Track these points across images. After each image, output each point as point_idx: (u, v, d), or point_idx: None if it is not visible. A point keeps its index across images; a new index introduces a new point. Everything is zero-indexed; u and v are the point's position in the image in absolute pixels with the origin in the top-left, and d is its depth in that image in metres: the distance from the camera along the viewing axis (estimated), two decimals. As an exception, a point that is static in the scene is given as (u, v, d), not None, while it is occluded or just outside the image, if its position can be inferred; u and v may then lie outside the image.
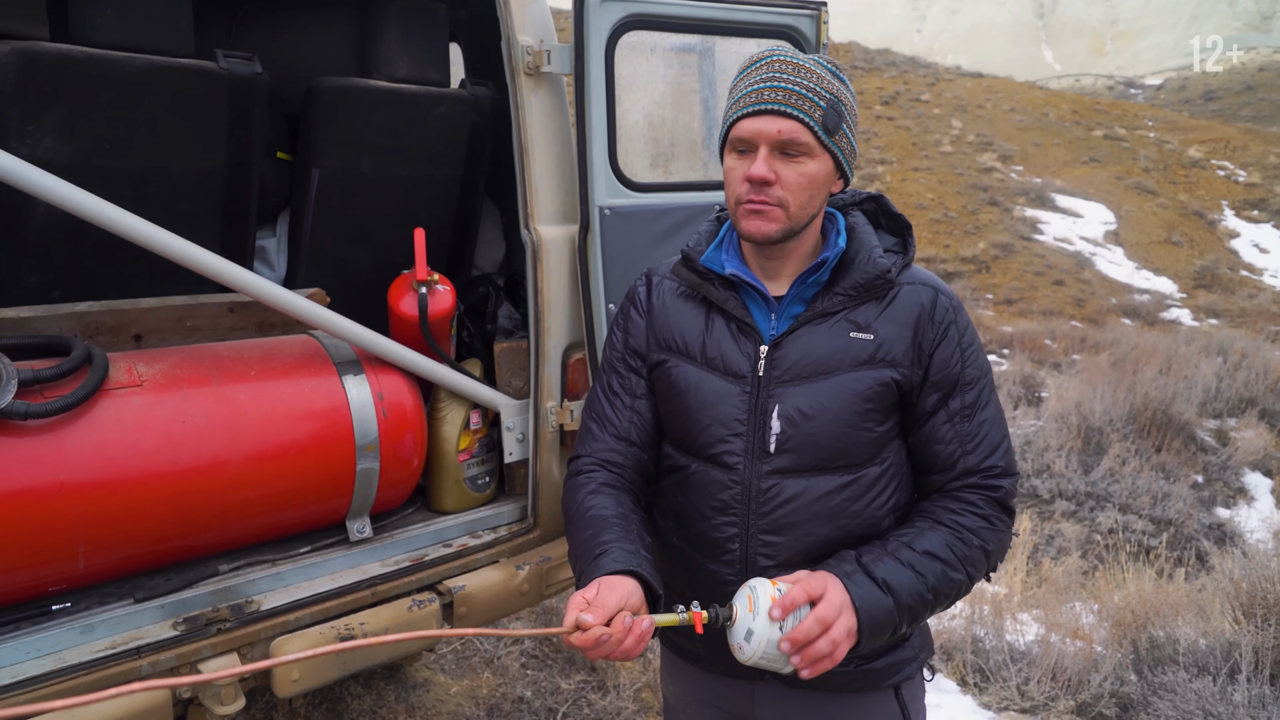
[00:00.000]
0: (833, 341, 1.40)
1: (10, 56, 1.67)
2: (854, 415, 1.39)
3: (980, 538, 1.39)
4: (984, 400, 1.44)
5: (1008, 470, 1.43)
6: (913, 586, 1.32)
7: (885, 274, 1.41)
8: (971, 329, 1.45)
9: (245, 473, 1.91)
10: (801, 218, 1.39)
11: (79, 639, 1.72)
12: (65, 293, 1.96)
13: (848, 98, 1.40)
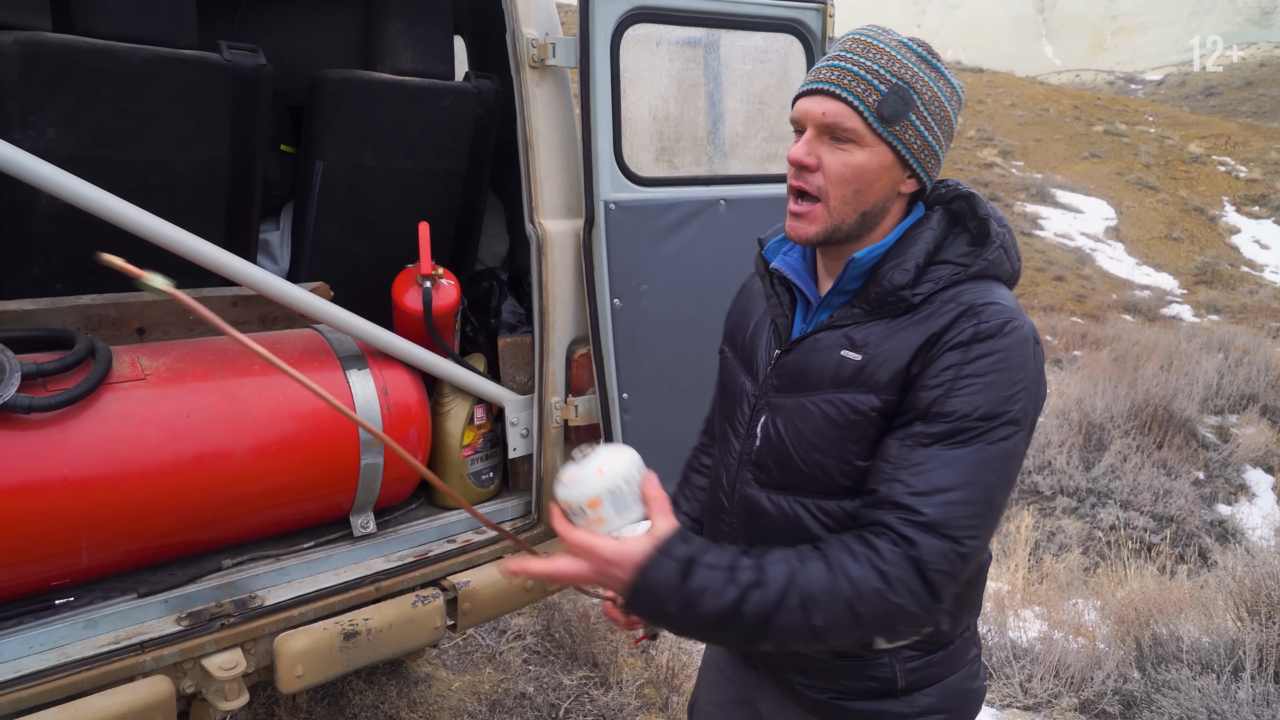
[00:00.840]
0: (825, 357, 1.29)
1: (13, 47, 1.66)
2: (824, 441, 1.26)
3: (849, 576, 1.12)
4: (960, 443, 1.16)
5: (938, 529, 1.13)
6: (718, 607, 1.13)
7: (899, 290, 1.24)
8: (998, 367, 1.18)
9: (249, 467, 1.90)
10: (847, 215, 1.25)
11: (82, 634, 1.71)
12: (68, 285, 1.94)
13: (929, 87, 1.23)
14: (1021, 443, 1.19)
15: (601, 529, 1.19)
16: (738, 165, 2.72)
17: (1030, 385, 1.20)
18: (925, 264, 1.26)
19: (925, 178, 1.28)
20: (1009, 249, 1.30)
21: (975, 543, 1.14)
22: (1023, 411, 1.18)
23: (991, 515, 1.17)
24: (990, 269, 1.27)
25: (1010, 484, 1.21)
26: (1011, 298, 1.27)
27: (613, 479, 1.19)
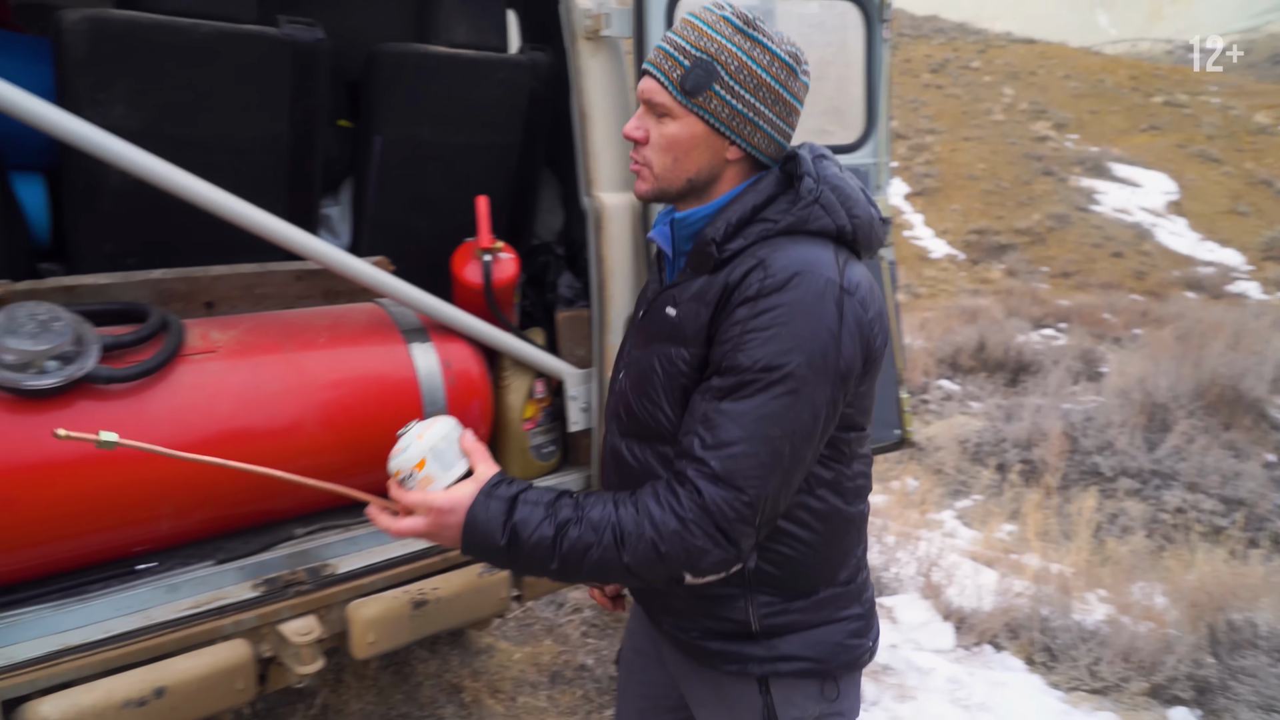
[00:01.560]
0: (658, 315, 1.40)
1: (81, 24, 1.69)
2: (653, 390, 1.37)
3: (651, 518, 1.24)
4: (744, 396, 1.23)
5: (723, 480, 1.22)
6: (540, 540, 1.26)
7: (707, 245, 1.32)
8: (780, 320, 1.22)
9: (317, 438, 1.93)
10: (670, 181, 1.36)
11: (165, 598, 1.76)
12: (140, 260, 1.99)
13: (735, 57, 1.28)
14: (813, 394, 1.23)
15: (432, 486, 1.31)
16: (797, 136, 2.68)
17: (819, 338, 1.23)
18: (741, 221, 1.32)
19: (744, 145, 1.33)
20: (829, 206, 1.31)
21: (759, 492, 1.23)
22: (810, 364, 1.22)
23: (778, 466, 1.24)
24: (801, 224, 1.30)
25: (806, 434, 1.25)
26: (821, 253, 1.29)
27: (432, 439, 1.33)
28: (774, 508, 1.27)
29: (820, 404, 1.25)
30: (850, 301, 1.26)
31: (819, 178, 1.32)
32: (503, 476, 1.33)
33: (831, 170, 1.35)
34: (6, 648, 1.59)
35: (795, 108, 1.34)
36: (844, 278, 1.27)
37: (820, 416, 1.26)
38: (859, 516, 1.45)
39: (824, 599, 1.41)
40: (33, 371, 1.58)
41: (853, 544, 1.46)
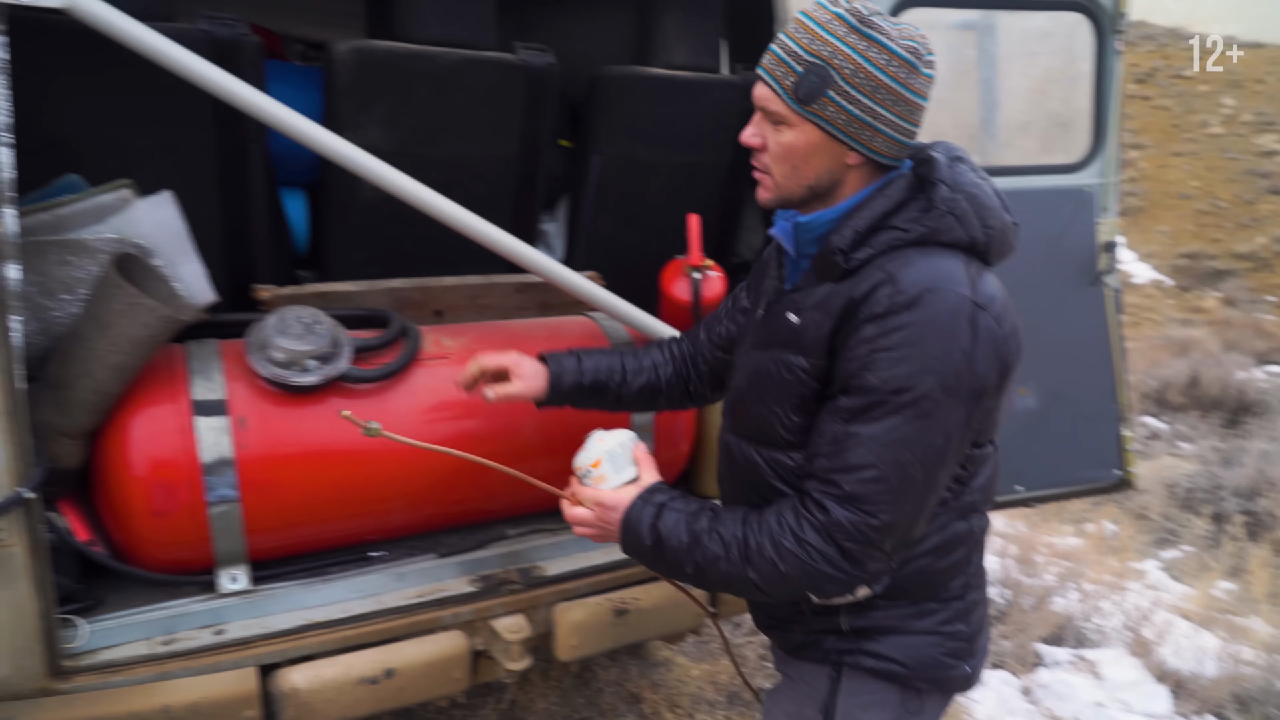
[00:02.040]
0: (779, 319, 1.38)
1: (350, 55, 1.86)
2: (768, 395, 1.37)
3: (773, 536, 1.27)
4: (875, 418, 1.20)
5: (851, 502, 1.22)
6: (678, 546, 1.34)
7: (832, 254, 1.28)
8: (911, 340, 1.19)
9: (534, 444, 2.02)
10: (791, 189, 1.33)
11: (394, 585, 1.89)
12: (381, 269, 2.15)
13: (851, 60, 1.22)
14: (945, 416, 1.20)
15: (604, 485, 1.47)
16: (1015, 155, 2.57)
17: (952, 358, 1.19)
18: (870, 229, 1.27)
19: (864, 150, 1.27)
20: (963, 216, 1.26)
21: (890, 517, 1.21)
22: (943, 385, 1.18)
23: (910, 490, 1.22)
24: (933, 236, 1.25)
25: (938, 457, 1.22)
26: (953, 265, 1.24)
27: (609, 444, 1.49)
28: (907, 532, 1.26)
29: (953, 426, 1.22)
30: (984, 317, 1.22)
31: (954, 184, 1.27)
32: (661, 486, 1.43)
33: (967, 176, 1.30)
34: (264, 618, 1.75)
35: (918, 105, 1.27)
36: (977, 292, 1.22)
37: (953, 438, 1.23)
38: (973, 532, 1.42)
39: (926, 609, 1.40)
40: (296, 369, 1.75)
41: (963, 560, 1.42)
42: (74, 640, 1.59)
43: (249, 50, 1.73)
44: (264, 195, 1.92)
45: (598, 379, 1.75)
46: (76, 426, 1.59)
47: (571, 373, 1.74)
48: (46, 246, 1.60)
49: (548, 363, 1.75)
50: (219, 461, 1.67)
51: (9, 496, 1.40)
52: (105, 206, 1.63)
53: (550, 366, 1.75)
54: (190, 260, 1.74)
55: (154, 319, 1.55)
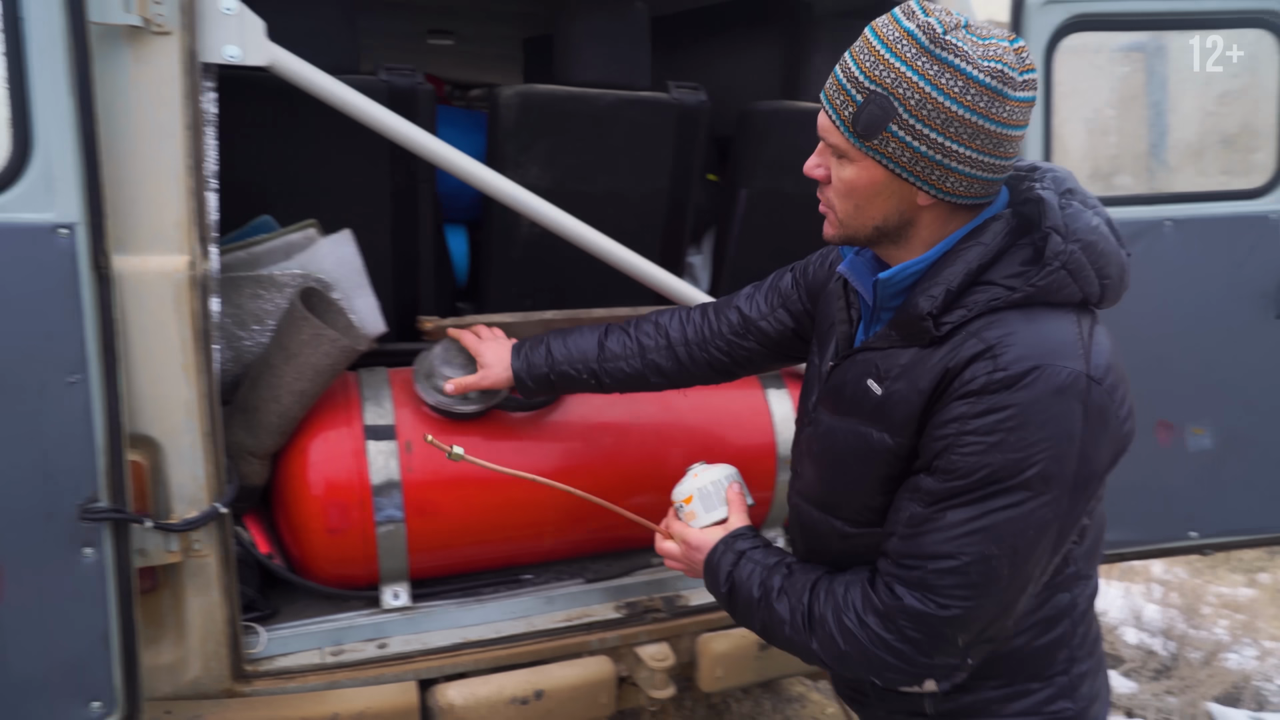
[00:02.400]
0: (856, 382, 1.21)
1: (514, 98, 1.95)
2: (846, 471, 1.24)
3: (836, 609, 1.18)
4: (958, 505, 1.07)
5: (923, 589, 1.09)
6: (749, 600, 1.29)
7: (921, 319, 1.11)
8: (1007, 425, 1.03)
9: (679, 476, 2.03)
10: (856, 228, 1.16)
11: (543, 608, 1.94)
12: (535, 301, 2.23)
13: (917, 89, 1.03)
14: (1042, 508, 1.05)
15: (694, 522, 1.48)
16: (1187, 181, 2.43)
17: (1057, 445, 1.04)
18: (963, 286, 1.11)
19: (935, 192, 1.10)
20: (1078, 270, 1.08)
21: (962, 608, 1.09)
22: (1043, 475, 1.04)
23: (994, 584, 1.08)
24: (1042, 295, 1.08)
25: (1028, 552, 1.08)
26: (1065, 332, 1.08)
27: (703, 482, 1.50)
28: (987, 630, 1.13)
29: (1052, 519, 1.07)
30: (1098, 393, 1.05)
31: (1067, 232, 1.08)
32: (745, 531, 1.40)
33: (1083, 219, 1.11)
34: (423, 634, 1.84)
35: (1006, 136, 1.07)
36: (1091, 363, 1.06)
37: (1052, 531, 1.08)
38: (1077, 604, 1.26)
39: (1024, 690, 1.25)
40: (459, 397, 1.83)
41: (1067, 633, 1.26)
42: (255, 646, 1.72)
43: (424, 98, 1.84)
44: (431, 232, 2.03)
45: (567, 371, 1.67)
46: (263, 448, 1.72)
47: (539, 366, 1.68)
48: (242, 281, 1.74)
49: (515, 354, 1.71)
50: (387, 483, 1.77)
51: (206, 511, 1.53)
52: (293, 244, 1.77)
53: (514, 362, 1.70)
54: (365, 293, 1.86)
55: (335, 349, 1.66)
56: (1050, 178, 1.15)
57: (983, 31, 1.05)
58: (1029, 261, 1.10)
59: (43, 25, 1.26)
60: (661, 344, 1.66)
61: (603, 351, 1.67)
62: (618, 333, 1.69)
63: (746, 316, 1.61)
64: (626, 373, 1.67)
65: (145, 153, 1.42)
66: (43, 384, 1.34)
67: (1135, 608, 4.52)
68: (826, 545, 1.32)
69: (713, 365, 1.66)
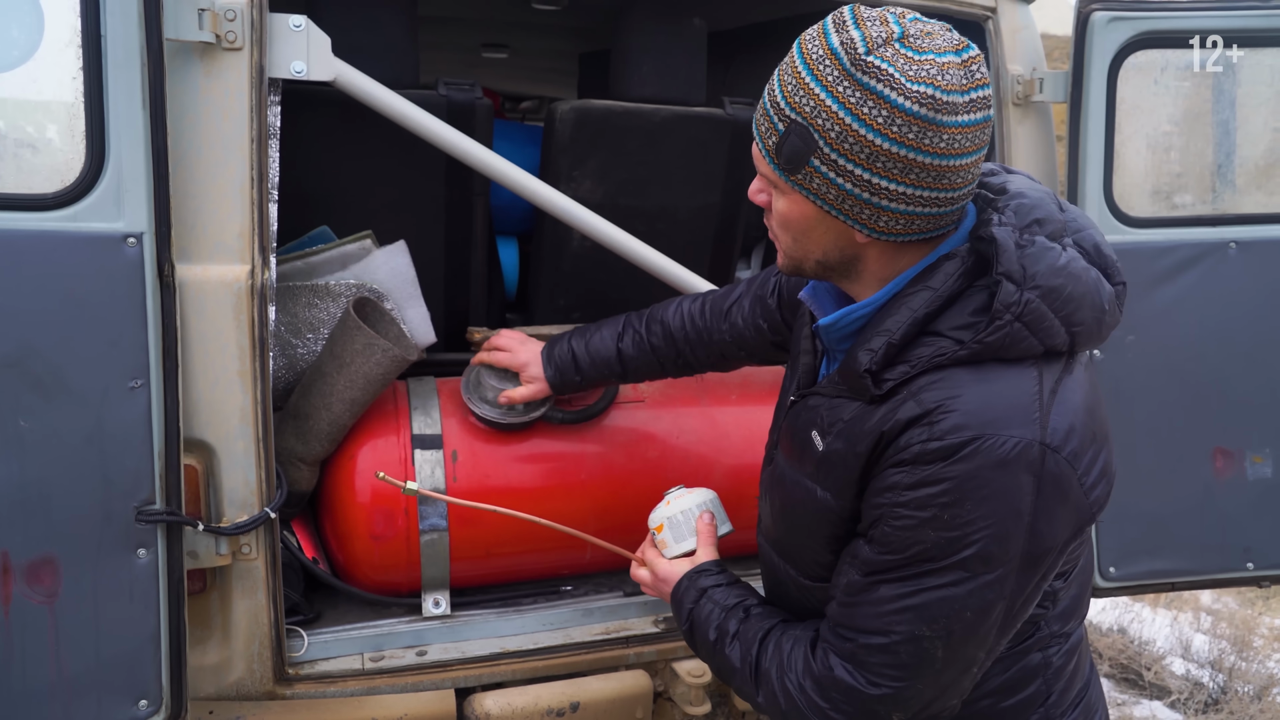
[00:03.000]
0: (804, 430, 1.13)
1: (569, 114, 1.96)
2: (797, 523, 1.18)
3: (780, 669, 1.13)
4: (886, 580, 0.99)
5: (855, 663, 1.04)
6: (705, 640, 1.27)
7: (860, 375, 1.01)
8: (941, 500, 0.93)
9: (724, 489, 2.02)
10: (800, 260, 1.08)
11: (581, 620, 1.94)
12: (583, 314, 2.24)
13: (837, 120, 0.91)
14: (982, 589, 0.96)
15: (665, 551, 1.47)
16: (1255, 202, 2.36)
17: (998, 522, 0.93)
18: (907, 337, 0.99)
19: (867, 231, 0.99)
20: (1036, 321, 0.95)
21: (892, 688, 1.02)
22: (981, 556, 0.94)
23: (928, 666, 1.00)
24: (990, 352, 0.96)
25: (966, 634, 0.99)
26: (1018, 394, 0.95)
27: (674, 510, 1.49)
28: (925, 709, 1.05)
29: (995, 599, 0.97)
30: (1053, 462, 0.94)
31: (1023, 278, 0.95)
32: (710, 566, 1.37)
33: (1047, 258, 0.97)
34: (462, 643, 1.85)
35: (949, 166, 0.93)
36: (1047, 428, 0.94)
37: (996, 611, 0.99)
38: (1051, 664, 1.15)
39: None
40: (506, 409, 1.84)
41: (1039, 693, 1.16)
42: (298, 650, 1.74)
43: (482, 112, 1.87)
44: (483, 244, 2.05)
45: (592, 375, 1.74)
46: (313, 454, 1.74)
47: (570, 374, 1.74)
48: (298, 290, 1.78)
49: (546, 364, 1.75)
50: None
51: (257, 515, 1.56)
52: (349, 255, 1.79)
53: (546, 372, 1.74)
54: (417, 304, 1.88)
55: (387, 359, 1.68)
56: (1014, 206, 1.01)
57: (921, 43, 0.91)
58: (981, 310, 0.98)
59: (120, 42, 1.30)
60: (669, 346, 1.71)
61: (621, 355, 1.72)
62: (631, 335, 1.73)
63: (733, 323, 1.61)
64: (644, 371, 1.75)
65: (212, 165, 1.46)
66: (106, 388, 1.37)
67: (1184, 637, 4.41)
68: (786, 591, 1.29)
69: (711, 362, 1.72)
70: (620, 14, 2.04)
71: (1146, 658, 4.14)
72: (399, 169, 1.90)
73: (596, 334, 1.75)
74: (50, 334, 1.34)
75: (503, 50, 3.49)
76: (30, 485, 1.35)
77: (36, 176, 1.34)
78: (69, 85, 1.31)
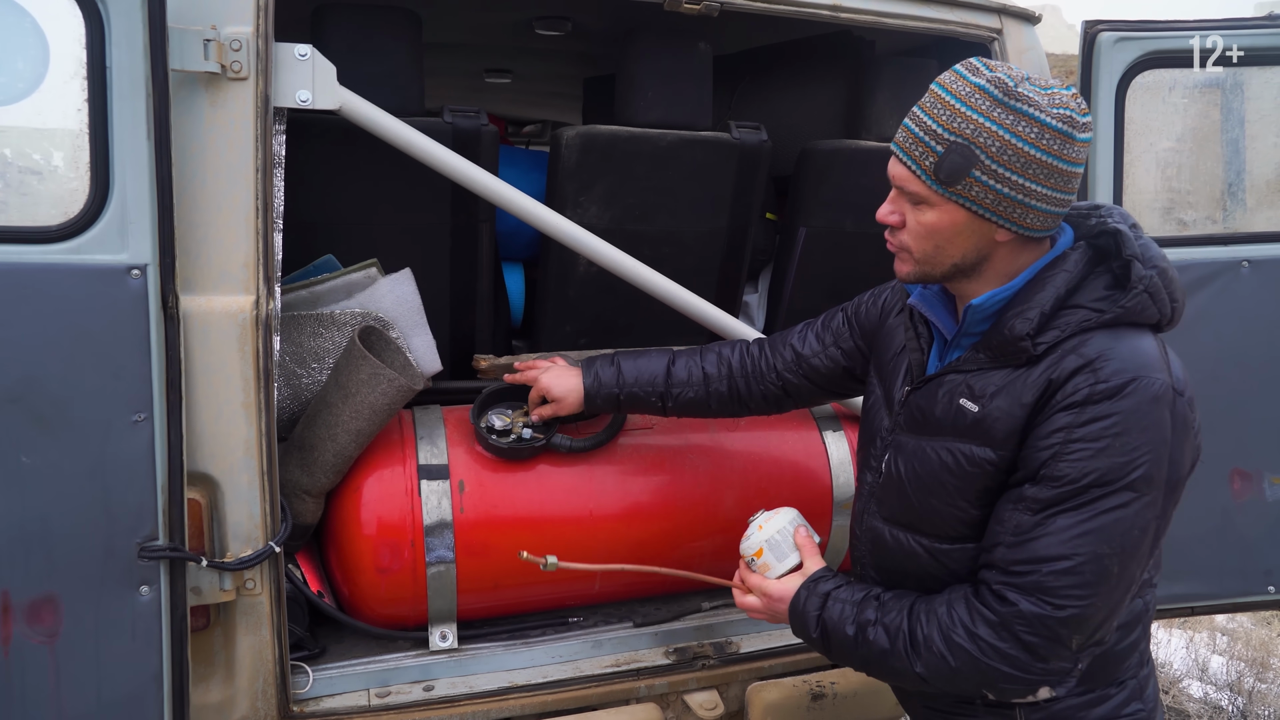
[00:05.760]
0: (946, 402, 1.29)
1: (575, 139, 1.95)
2: (940, 488, 1.28)
3: (943, 628, 1.22)
4: (1068, 510, 1.14)
5: (1038, 593, 1.15)
6: (844, 639, 1.32)
7: (1019, 339, 1.20)
8: (1112, 431, 1.12)
9: (733, 517, 1.99)
10: (937, 264, 1.26)
11: (590, 652, 1.91)
12: (589, 340, 2.22)
13: (997, 137, 1.15)
14: (1145, 509, 1.14)
15: (769, 573, 1.49)
16: (1265, 221, 2.34)
17: (1155, 449, 1.13)
18: (1054, 309, 1.21)
19: (1015, 229, 1.20)
20: (1156, 293, 1.20)
21: (1078, 608, 1.14)
22: (1145, 478, 1.13)
23: (1106, 584, 1.15)
24: (1129, 316, 1.20)
25: (1134, 551, 1.16)
26: (1150, 348, 1.19)
27: (769, 531, 1.50)
28: (1096, 631, 1.19)
29: (1151, 519, 1.16)
30: (1180, 404, 1.17)
31: (1145, 259, 1.21)
32: (825, 573, 1.43)
33: (1154, 248, 1.23)
34: (469, 677, 1.82)
35: (1074, 174, 1.19)
36: (1174, 377, 1.18)
37: (1151, 531, 1.17)
38: (1148, 609, 1.35)
39: (1104, 695, 1.31)
40: (513, 438, 1.82)
41: (1140, 637, 1.35)
42: (302, 687, 1.71)
43: (487, 139, 1.85)
44: (489, 271, 2.03)
45: (635, 393, 1.75)
46: (318, 486, 1.72)
47: (610, 385, 1.75)
48: (303, 320, 1.76)
49: (585, 371, 1.76)
50: (439, 524, 1.76)
51: (261, 550, 1.53)
52: (354, 283, 1.78)
53: (585, 379, 1.75)
54: (423, 332, 1.86)
55: (392, 389, 1.66)
56: (1116, 213, 1.26)
57: (1043, 83, 1.18)
58: (1111, 286, 1.22)
59: (126, 74, 1.29)
60: (723, 374, 1.75)
61: (670, 376, 1.75)
62: (684, 359, 1.78)
63: (799, 353, 1.71)
64: (690, 398, 1.76)
65: (217, 194, 1.44)
66: (109, 422, 1.36)
67: (1200, 659, 4.35)
68: (911, 566, 1.36)
69: (766, 397, 1.75)
70: (625, 39, 2.03)
71: (1164, 680, 4.07)
72: (404, 196, 1.89)
73: (645, 355, 1.80)
74: (53, 368, 1.32)
75: (506, 75, 3.49)
76: (31, 522, 1.33)
77: (40, 209, 1.33)
78: (74, 117, 1.30)
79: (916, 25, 2.00)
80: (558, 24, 2.58)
